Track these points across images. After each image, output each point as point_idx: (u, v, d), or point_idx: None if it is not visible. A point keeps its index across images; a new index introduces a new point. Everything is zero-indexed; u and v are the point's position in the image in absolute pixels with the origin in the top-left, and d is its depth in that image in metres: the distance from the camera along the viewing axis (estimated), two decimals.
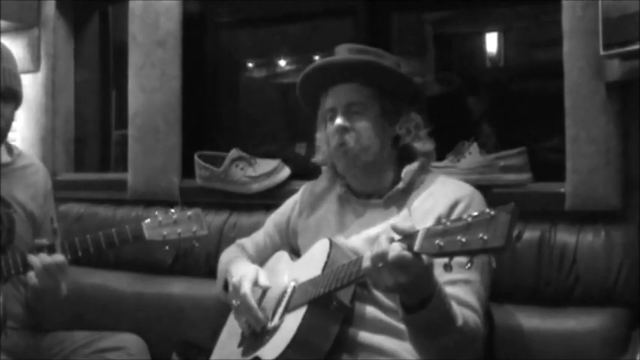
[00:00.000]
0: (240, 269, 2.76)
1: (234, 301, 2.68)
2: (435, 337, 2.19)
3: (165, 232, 2.89)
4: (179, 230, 2.90)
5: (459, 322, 2.20)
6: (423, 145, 2.67)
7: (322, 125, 2.76)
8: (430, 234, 1.93)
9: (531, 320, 2.81)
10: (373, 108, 2.62)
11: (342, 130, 2.61)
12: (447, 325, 2.17)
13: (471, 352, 2.33)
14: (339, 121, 2.62)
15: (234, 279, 2.71)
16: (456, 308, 2.22)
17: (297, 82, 2.80)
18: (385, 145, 2.64)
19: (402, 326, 2.36)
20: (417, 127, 2.66)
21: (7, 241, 3.00)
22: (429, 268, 2.04)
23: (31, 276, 2.73)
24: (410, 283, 2.02)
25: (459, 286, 2.36)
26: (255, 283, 2.65)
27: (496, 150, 3.10)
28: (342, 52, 2.71)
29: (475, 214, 1.84)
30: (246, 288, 2.62)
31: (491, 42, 4.10)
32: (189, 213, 2.93)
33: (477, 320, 2.33)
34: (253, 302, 2.59)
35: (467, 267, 1.85)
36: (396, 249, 1.99)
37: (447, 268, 1.90)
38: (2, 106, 2.95)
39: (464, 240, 1.82)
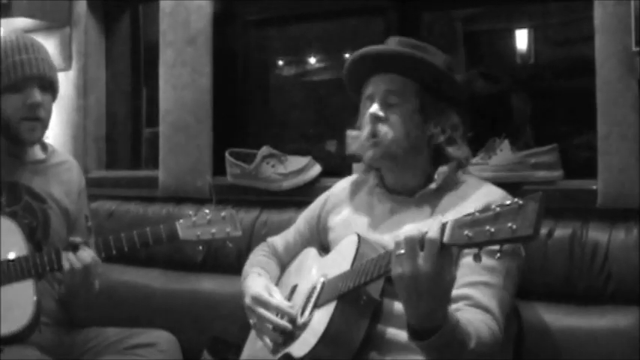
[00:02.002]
0: (250, 289, 2.77)
1: (251, 321, 2.71)
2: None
3: (199, 233, 2.91)
4: (213, 230, 2.92)
5: (472, 345, 2.14)
6: (457, 149, 2.62)
7: (363, 113, 2.71)
8: (459, 224, 1.93)
9: (563, 319, 2.80)
10: (411, 102, 2.60)
11: (375, 119, 2.59)
12: (458, 350, 2.12)
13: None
14: (373, 108, 2.60)
15: (246, 300, 2.74)
16: (469, 329, 2.16)
17: (344, 68, 2.78)
18: (419, 142, 2.61)
19: None
20: (453, 128, 2.62)
21: (43, 236, 3.04)
22: (443, 277, 1.99)
23: (65, 273, 2.77)
24: (423, 282, 1.98)
25: (478, 289, 2.34)
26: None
27: (527, 147, 3.09)
28: (392, 43, 2.68)
29: (504, 203, 1.83)
30: (265, 296, 2.66)
31: (522, 39, 4.08)
32: (223, 214, 2.94)
33: (493, 325, 2.29)
34: (275, 302, 2.63)
35: (497, 257, 1.85)
36: (435, 231, 1.98)
37: (477, 258, 1.90)
38: (42, 95, 3.01)
39: (493, 230, 1.82)
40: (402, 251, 2.01)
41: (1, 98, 3.01)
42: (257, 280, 2.81)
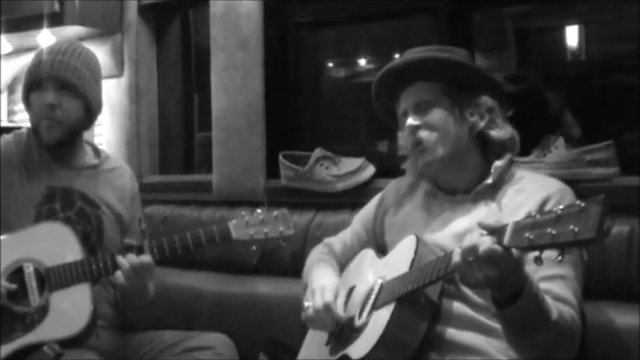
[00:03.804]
0: (320, 278, 2.78)
1: (306, 303, 2.70)
2: (530, 333, 2.17)
3: (252, 232, 2.92)
4: (266, 230, 2.93)
5: (554, 316, 2.17)
6: (499, 130, 2.60)
7: (403, 128, 2.72)
8: (519, 227, 1.92)
9: (621, 316, 2.75)
10: (442, 101, 2.60)
11: (414, 129, 2.60)
12: (541, 320, 2.15)
13: (569, 347, 2.30)
14: (409, 121, 2.61)
15: (314, 284, 2.73)
16: (550, 302, 2.20)
17: (372, 95, 2.83)
18: (462, 136, 2.60)
19: (489, 323, 2.36)
20: (489, 110, 2.60)
21: (97, 241, 3.07)
22: (518, 262, 2.03)
23: (119, 276, 2.79)
24: (500, 277, 2.02)
25: (555, 282, 2.33)
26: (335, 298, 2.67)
27: (581, 144, 3.06)
28: (407, 55, 2.70)
29: (565, 206, 1.82)
30: (329, 297, 2.64)
31: (572, 35, 4.05)
32: (275, 213, 2.96)
33: (574, 315, 2.30)
34: (339, 312, 2.62)
35: (558, 260, 1.84)
36: (486, 243, 1.99)
37: (538, 261, 1.89)
38: (61, 97, 3.02)
39: (554, 232, 1.81)
40: (471, 259, 2.03)
41: (30, 98, 3.07)
42: (329, 273, 2.84)
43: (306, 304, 2.70)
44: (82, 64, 3.07)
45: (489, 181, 2.56)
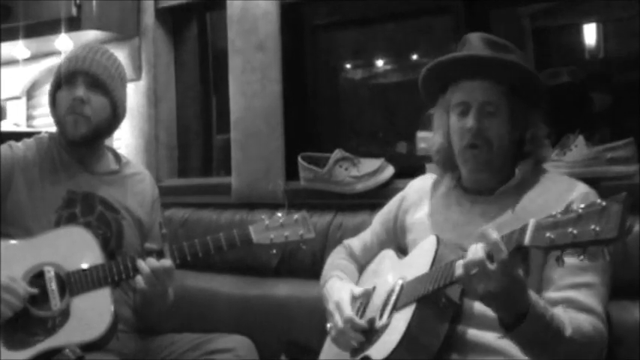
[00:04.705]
0: (335, 293, 2.77)
1: (328, 325, 2.70)
2: (543, 351, 2.17)
3: (272, 236, 2.92)
4: (286, 234, 2.93)
5: (568, 332, 2.16)
6: (543, 151, 2.61)
7: (443, 115, 2.69)
8: (541, 227, 1.92)
9: None
10: (505, 109, 2.55)
11: (477, 131, 2.55)
12: (551, 338, 2.14)
13: (592, 357, 2.29)
14: (472, 122, 2.54)
15: (329, 306, 2.73)
16: (563, 317, 2.19)
17: (426, 69, 2.70)
18: (510, 147, 2.58)
19: None
20: (541, 133, 2.59)
21: (117, 246, 3.07)
22: (517, 280, 2.04)
23: (139, 280, 2.80)
24: (501, 292, 2.03)
25: (581, 291, 2.32)
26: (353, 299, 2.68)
27: (602, 142, 3.05)
28: (476, 43, 2.62)
29: (586, 205, 1.81)
30: (347, 311, 2.63)
31: (590, 33, 4.04)
32: (295, 216, 2.96)
33: (598, 324, 2.29)
34: (361, 322, 2.60)
35: (580, 259, 1.83)
36: (478, 253, 2.01)
37: (559, 261, 1.89)
38: (89, 93, 3.02)
39: (575, 232, 1.81)
40: (475, 271, 2.05)
41: (56, 95, 3.08)
42: (338, 284, 2.82)
43: (328, 326, 2.70)
44: (111, 65, 3.10)
45: (513, 182, 2.56)
